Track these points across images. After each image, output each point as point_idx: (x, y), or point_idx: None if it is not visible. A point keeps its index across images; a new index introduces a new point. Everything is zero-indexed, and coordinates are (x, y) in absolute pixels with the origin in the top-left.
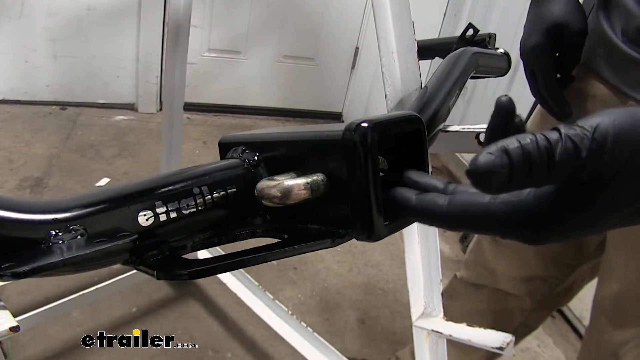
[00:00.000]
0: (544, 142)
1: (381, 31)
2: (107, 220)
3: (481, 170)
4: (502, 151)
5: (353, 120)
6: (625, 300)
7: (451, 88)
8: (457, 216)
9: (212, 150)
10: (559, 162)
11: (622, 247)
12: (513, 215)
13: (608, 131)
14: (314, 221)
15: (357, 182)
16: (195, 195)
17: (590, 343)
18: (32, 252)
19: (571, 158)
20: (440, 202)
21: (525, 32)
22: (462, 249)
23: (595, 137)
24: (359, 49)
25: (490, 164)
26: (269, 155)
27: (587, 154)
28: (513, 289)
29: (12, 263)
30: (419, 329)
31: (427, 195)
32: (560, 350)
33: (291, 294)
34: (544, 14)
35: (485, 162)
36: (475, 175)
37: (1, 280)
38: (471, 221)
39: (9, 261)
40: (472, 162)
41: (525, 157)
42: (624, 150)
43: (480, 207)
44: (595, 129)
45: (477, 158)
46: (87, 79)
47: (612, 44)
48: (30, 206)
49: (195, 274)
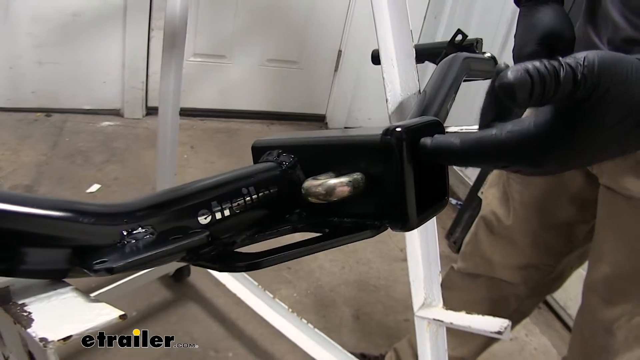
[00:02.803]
0: (551, 66)
1: (381, 40)
2: (173, 219)
3: (510, 84)
4: (525, 71)
5: (389, 126)
6: (616, 280)
7: (448, 92)
8: (469, 151)
9: (201, 155)
10: (562, 81)
11: (610, 232)
12: (519, 143)
13: (595, 60)
14: (348, 215)
15: (394, 179)
16: (244, 195)
17: (583, 322)
18: (109, 251)
19: (570, 78)
20: (454, 141)
21: (518, 42)
22: (449, 245)
23: (586, 65)
24: (341, 52)
25: (518, 79)
26: (304, 157)
27: (580, 76)
28: (509, 277)
29: (103, 260)
30: (420, 318)
31: (441, 137)
32: (547, 338)
33: (287, 293)
34: (535, 24)
35: (514, 78)
36: (506, 88)
37: (96, 275)
38: (482, 154)
39: (97, 259)
40: (501, 78)
41: (541, 76)
42: (607, 75)
43: (489, 139)
44: (585, 58)
45: (506, 74)
46: (73, 85)
47: None
48: (103, 210)
49: (252, 266)
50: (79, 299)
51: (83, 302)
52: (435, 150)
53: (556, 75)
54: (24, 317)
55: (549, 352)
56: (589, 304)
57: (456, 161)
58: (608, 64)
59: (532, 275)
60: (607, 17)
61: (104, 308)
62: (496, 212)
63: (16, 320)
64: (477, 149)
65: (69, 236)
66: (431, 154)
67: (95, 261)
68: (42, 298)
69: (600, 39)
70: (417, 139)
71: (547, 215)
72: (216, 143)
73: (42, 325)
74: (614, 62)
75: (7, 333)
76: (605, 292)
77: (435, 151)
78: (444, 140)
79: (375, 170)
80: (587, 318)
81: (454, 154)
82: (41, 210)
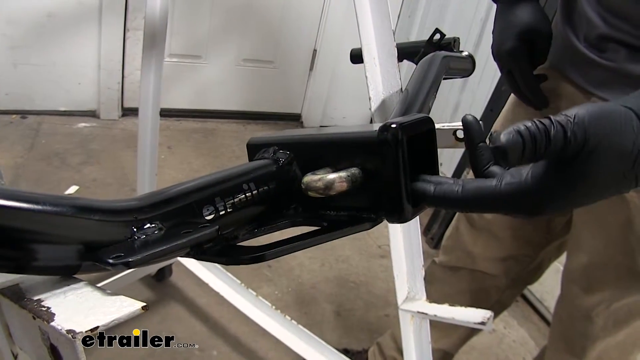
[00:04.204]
0: (542, 125)
1: (364, 39)
2: (179, 215)
3: (503, 147)
4: (516, 132)
5: (385, 122)
6: (594, 269)
7: (429, 90)
8: (470, 199)
9: (177, 156)
10: (553, 140)
11: (587, 223)
12: (516, 194)
13: (584, 117)
14: (343, 209)
15: (390, 173)
16: (245, 191)
17: (562, 311)
18: (122, 247)
19: (560, 136)
20: (455, 189)
21: (497, 38)
22: (426, 241)
23: (576, 122)
24: (316, 51)
25: (511, 141)
26: (300, 154)
27: (570, 133)
28: (490, 268)
29: (120, 254)
30: (404, 311)
31: (443, 185)
32: (524, 330)
33: (268, 291)
34: (514, 21)
35: (506, 140)
36: (499, 151)
37: (114, 269)
38: (482, 203)
39: (111, 254)
40: (494, 141)
41: (532, 136)
42: (597, 129)
43: (488, 190)
44: (575, 115)
45: (499, 137)
46: (48, 86)
47: (576, 49)
48: (114, 207)
49: (257, 258)
50: (97, 293)
51: (102, 296)
52: (437, 198)
53: (547, 133)
54: (43, 311)
55: (527, 343)
56: (568, 293)
57: (457, 208)
58: (597, 118)
59: (512, 267)
60: (582, 15)
61: (124, 300)
62: None
63: (36, 315)
64: (478, 199)
65: (83, 233)
66: (433, 201)
67: (112, 256)
68: (57, 294)
69: (577, 37)
70: (410, 135)
71: None
72: (193, 143)
73: (66, 318)
74: (604, 115)
75: (20, 329)
76: (584, 281)
77: (438, 199)
78: (446, 188)
79: (371, 165)
80: (566, 306)
81: (455, 202)
82: (56, 208)
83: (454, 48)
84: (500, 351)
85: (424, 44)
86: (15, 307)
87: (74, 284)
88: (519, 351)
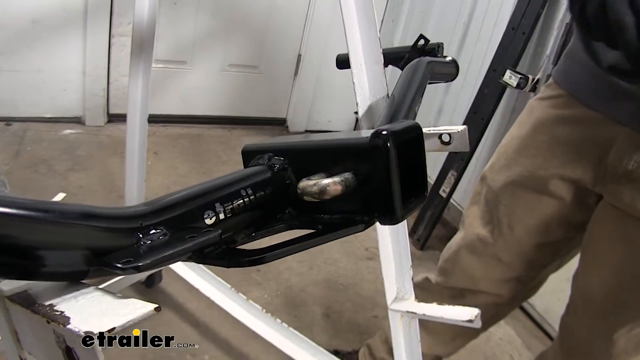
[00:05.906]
0: None
1: (351, 46)
2: (182, 221)
3: None
4: None
5: (377, 129)
6: (620, 291)
7: (415, 95)
8: None
9: (164, 161)
10: None
11: (614, 246)
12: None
13: None
14: (337, 212)
15: (382, 177)
16: (243, 197)
17: (577, 327)
18: (129, 252)
19: None
20: None
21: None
22: (412, 242)
23: None
24: (301, 56)
25: None
26: (294, 160)
27: None
28: (491, 288)
29: (129, 259)
30: (394, 311)
31: None
32: (511, 328)
33: (257, 295)
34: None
35: None
36: None
37: (124, 274)
38: None
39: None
40: None
41: None
42: None
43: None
44: None
45: None
46: (33, 93)
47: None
48: (120, 214)
49: (257, 261)
50: (108, 297)
51: (113, 299)
52: None
53: None
54: (57, 315)
55: (514, 341)
56: (586, 310)
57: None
58: None
59: (514, 286)
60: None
61: (136, 302)
62: (479, 235)
63: (50, 319)
64: None
65: (91, 239)
66: None
67: (121, 261)
68: (68, 298)
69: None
70: (401, 141)
71: (536, 237)
72: (179, 149)
73: (82, 321)
74: None
75: (30, 334)
76: (606, 302)
77: None
78: None
79: (363, 170)
80: (582, 323)
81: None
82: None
83: (438, 53)
84: (487, 349)
85: (409, 49)
86: (27, 312)
87: (83, 288)
88: (506, 349)
